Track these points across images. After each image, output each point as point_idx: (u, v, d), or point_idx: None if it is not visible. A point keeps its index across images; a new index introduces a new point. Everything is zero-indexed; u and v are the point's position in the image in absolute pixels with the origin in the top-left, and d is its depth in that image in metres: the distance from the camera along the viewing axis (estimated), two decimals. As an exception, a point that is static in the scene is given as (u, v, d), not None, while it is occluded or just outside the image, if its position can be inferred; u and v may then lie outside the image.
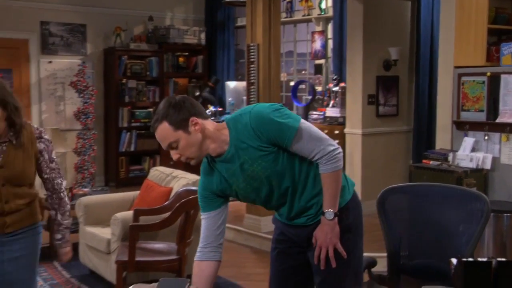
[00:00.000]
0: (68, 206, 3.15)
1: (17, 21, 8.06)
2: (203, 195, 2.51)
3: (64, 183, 3.24)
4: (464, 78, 5.24)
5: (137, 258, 4.12)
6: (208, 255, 2.46)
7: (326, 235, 2.40)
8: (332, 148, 2.38)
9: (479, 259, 1.77)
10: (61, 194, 3.10)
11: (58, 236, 3.13)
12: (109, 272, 4.72)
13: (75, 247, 5.50)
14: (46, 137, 3.01)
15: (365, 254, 3.28)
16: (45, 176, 3.02)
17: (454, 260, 1.86)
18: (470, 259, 1.76)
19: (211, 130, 2.37)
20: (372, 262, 3.02)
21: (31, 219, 2.99)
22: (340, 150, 2.42)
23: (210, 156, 2.44)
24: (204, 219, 2.50)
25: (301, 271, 2.55)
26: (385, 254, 3.10)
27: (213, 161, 2.46)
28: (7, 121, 2.81)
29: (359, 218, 2.61)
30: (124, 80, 8.75)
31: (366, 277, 3.04)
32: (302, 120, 2.38)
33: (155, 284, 1.90)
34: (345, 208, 2.49)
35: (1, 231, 2.86)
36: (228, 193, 2.49)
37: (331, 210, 2.40)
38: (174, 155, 2.37)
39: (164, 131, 2.32)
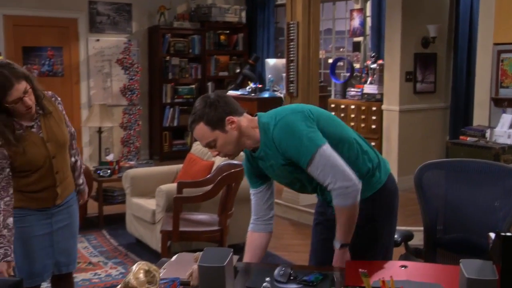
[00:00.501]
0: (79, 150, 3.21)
1: (67, 1, 8.15)
2: (248, 175, 2.55)
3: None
4: (503, 55, 5.12)
5: (181, 228, 4.18)
6: (259, 227, 2.52)
7: (336, 258, 2.42)
8: (345, 184, 2.26)
9: (517, 234, 1.74)
10: (75, 138, 3.12)
11: (80, 181, 3.15)
12: (154, 241, 4.81)
13: (122, 217, 5.63)
14: (58, 98, 2.98)
15: (402, 227, 3.26)
16: (68, 129, 3.01)
17: (492, 234, 1.83)
18: (509, 234, 1.73)
19: (246, 127, 2.36)
20: (409, 236, 3.00)
21: (71, 188, 3.03)
22: (356, 187, 2.27)
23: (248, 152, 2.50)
24: (253, 195, 2.55)
25: None
26: (421, 228, 3.07)
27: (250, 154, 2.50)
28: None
29: (389, 205, 2.57)
30: (167, 58, 8.80)
31: (402, 250, 3.03)
32: (324, 147, 2.26)
33: (199, 253, 1.93)
34: (371, 199, 2.44)
35: (53, 203, 2.89)
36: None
37: (339, 240, 2.39)
38: (213, 152, 2.39)
39: (201, 132, 2.32)
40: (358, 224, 2.37)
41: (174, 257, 2.29)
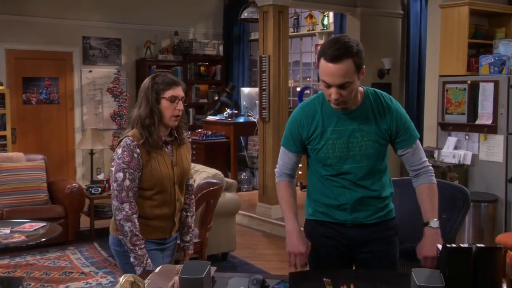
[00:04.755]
0: (194, 208, 2.84)
1: (63, 37, 8.10)
2: (293, 139, 2.26)
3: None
4: (448, 86, 5.21)
5: (165, 241, 4.12)
6: (292, 179, 2.34)
7: (433, 239, 2.13)
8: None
9: (461, 245, 1.76)
10: (192, 195, 2.81)
11: (187, 238, 2.79)
12: (140, 252, 4.74)
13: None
14: (190, 140, 2.80)
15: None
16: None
17: (439, 246, 1.84)
18: (454, 245, 1.74)
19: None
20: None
21: (177, 225, 2.71)
22: None
23: (326, 104, 2.17)
24: (289, 155, 2.29)
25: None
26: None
27: (328, 109, 2.18)
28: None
29: None
30: (153, 87, 8.76)
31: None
32: None
33: (180, 265, 1.90)
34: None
35: (169, 234, 2.62)
36: (313, 144, 2.21)
37: (435, 219, 2.16)
38: (336, 94, 2.04)
39: (348, 68, 2.00)
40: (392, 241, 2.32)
41: (157, 269, 2.26)
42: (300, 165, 8.12)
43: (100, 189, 5.99)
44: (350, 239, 2.28)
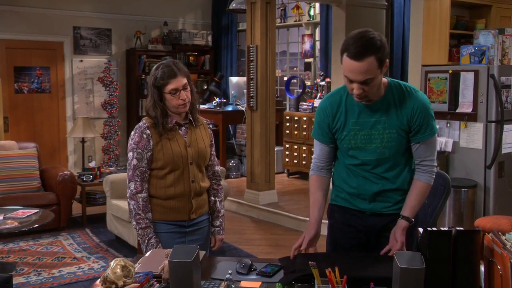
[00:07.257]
0: (223, 195, 2.79)
1: (54, 27, 8.00)
2: (322, 129, 2.25)
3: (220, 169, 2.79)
4: (430, 75, 5.23)
5: (155, 226, 4.11)
6: (326, 173, 2.32)
7: (403, 233, 2.16)
8: (436, 168, 2.21)
9: (442, 228, 1.77)
10: (220, 181, 2.76)
11: (217, 223, 2.71)
12: (131, 238, 4.74)
13: (103, 216, 5.52)
14: (210, 126, 2.74)
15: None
16: (209, 162, 2.67)
17: (420, 229, 1.86)
18: (434, 229, 1.76)
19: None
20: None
21: (206, 208, 2.65)
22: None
23: (350, 96, 2.13)
24: (321, 146, 2.29)
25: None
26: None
27: (351, 101, 2.16)
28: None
29: None
30: (143, 76, 8.70)
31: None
32: None
33: (170, 250, 1.90)
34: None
35: (188, 216, 2.54)
36: (337, 134, 2.22)
37: (410, 217, 2.18)
38: (358, 89, 2.01)
39: (370, 65, 1.94)
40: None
41: (147, 253, 2.26)
42: (287, 153, 8.01)
43: (91, 176, 5.95)
44: (367, 226, 2.28)
